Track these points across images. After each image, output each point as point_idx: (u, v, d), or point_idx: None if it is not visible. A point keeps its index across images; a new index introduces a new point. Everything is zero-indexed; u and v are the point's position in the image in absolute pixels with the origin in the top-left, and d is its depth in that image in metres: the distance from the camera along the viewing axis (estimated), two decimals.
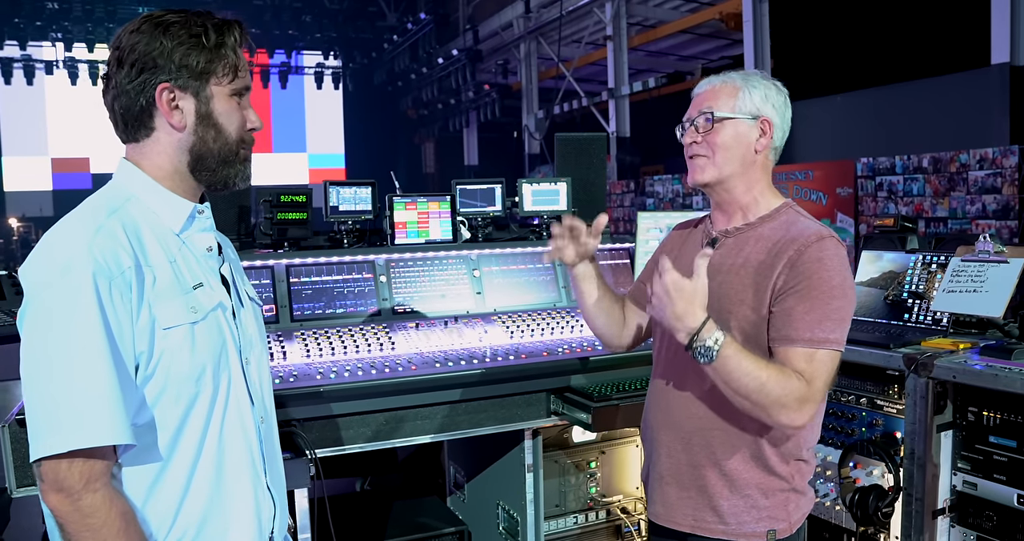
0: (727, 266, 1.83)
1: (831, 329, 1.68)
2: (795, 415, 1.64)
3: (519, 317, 3.12)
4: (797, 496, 1.84)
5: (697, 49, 16.83)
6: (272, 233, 3.07)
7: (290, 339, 2.76)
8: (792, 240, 1.75)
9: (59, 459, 1.23)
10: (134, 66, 1.37)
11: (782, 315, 1.71)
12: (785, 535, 1.82)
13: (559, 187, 3.49)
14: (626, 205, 15.21)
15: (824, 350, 1.67)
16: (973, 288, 2.54)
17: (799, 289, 1.70)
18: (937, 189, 9.98)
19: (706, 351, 1.61)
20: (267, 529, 1.52)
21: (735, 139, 1.82)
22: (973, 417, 2.47)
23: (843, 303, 1.70)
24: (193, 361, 1.36)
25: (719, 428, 1.81)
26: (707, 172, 1.84)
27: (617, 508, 3.32)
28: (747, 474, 1.80)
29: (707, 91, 1.88)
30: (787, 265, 1.72)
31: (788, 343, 1.69)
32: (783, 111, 1.86)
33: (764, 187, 1.88)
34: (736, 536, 1.81)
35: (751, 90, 1.83)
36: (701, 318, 1.62)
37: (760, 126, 1.83)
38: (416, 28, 20.76)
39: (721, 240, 1.89)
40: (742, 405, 1.66)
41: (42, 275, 1.28)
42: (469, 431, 2.74)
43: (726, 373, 1.62)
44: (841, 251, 1.75)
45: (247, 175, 1.50)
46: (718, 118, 1.82)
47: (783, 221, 1.83)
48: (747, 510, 1.81)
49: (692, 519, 1.86)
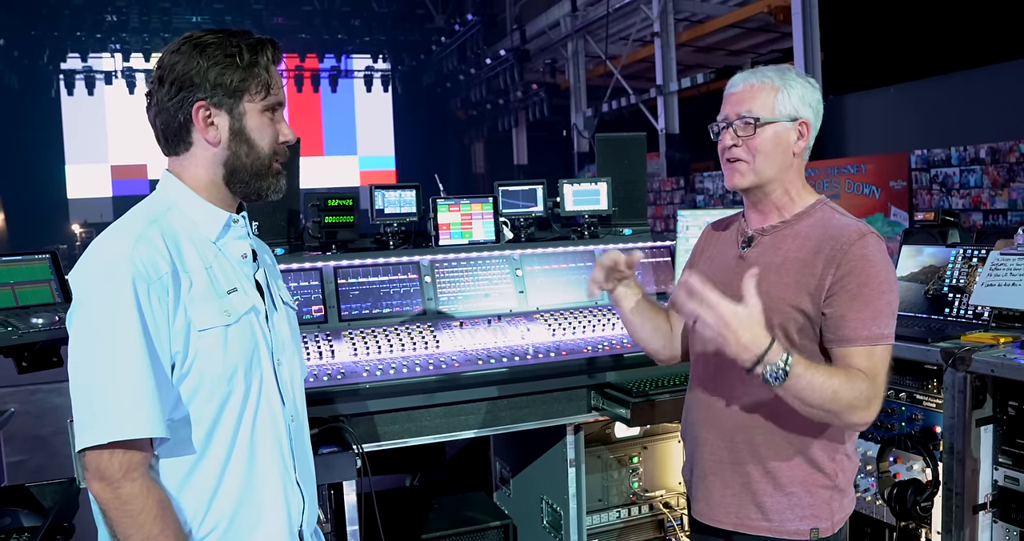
0: (764, 264, 1.81)
1: (885, 324, 1.71)
2: (865, 414, 1.67)
3: (561, 315, 3.18)
4: (840, 495, 1.84)
5: (746, 43, 16.67)
6: (320, 236, 3.18)
7: (338, 338, 2.86)
8: (833, 238, 1.76)
9: (100, 450, 1.34)
10: (173, 84, 1.47)
11: (836, 317, 1.72)
12: (828, 534, 1.82)
13: (599, 187, 3.54)
14: (676, 202, 15.14)
15: (881, 345, 1.70)
16: (1012, 281, 2.53)
17: (849, 289, 1.71)
18: (996, 180, 9.76)
19: (776, 372, 1.59)
20: (296, 522, 1.60)
21: (775, 143, 1.81)
22: (1014, 412, 2.46)
23: (892, 297, 1.73)
24: (226, 361, 1.46)
25: (762, 425, 1.82)
26: (747, 177, 1.84)
27: (660, 503, 3.36)
28: (791, 471, 1.81)
29: (743, 91, 1.84)
30: (832, 264, 1.73)
31: (847, 344, 1.71)
32: (818, 110, 1.86)
33: (800, 186, 1.88)
34: (779, 534, 1.81)
35: (789, 90, 1.81)
36: (766, 342, 1.58)
37: (798, 128, 1.83)
38: (464, 29, 20.91)
39: (757, 238, 1.89)
40: (812, 414, 1.66)
41: (87, 280, 1.39)
42: (511, 426, 2.81)
43: (798, 391, 1.62)
44: (883, 246, 1.77)
45: (280, 187, 1.59)
46: (760, 123, 1.80)
47: (819, 218, 1.84)
48: (790, 507, 1.81)
49: (735, 517, 1.86)
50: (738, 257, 1.90)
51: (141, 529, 1.35)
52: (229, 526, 1.48)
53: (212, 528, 1.47)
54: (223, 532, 1.48)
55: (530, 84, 19.90)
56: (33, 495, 2.22)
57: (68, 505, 2.20)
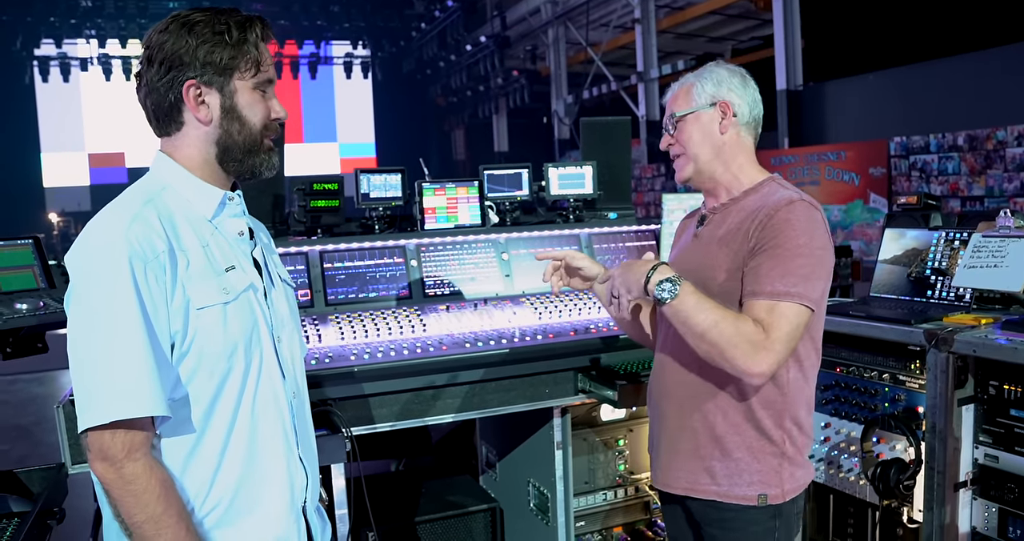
0: (711, 238, 1.95)
1: (792, 284, 1.75)
2: (749, 361, 1.71)
3: (547, 299, 3.19)
4: (790, 464, 1.91)
5: (727, 30, 16.74)
6: (306, 220, 3.16)
7: (325, 323, 2.86)
8: (766, 206, 1.85)
9: (103, 430, 1.34)
10: (163, 64, 1.46)
11: (748, 273, 1.81)
12: (777, 502, 1.89)
13: (584, 171, 3.55)
14: (657, 188, 15.20)
15: (786, 303, 1.74)
16: (994, 263, 2.56)
17: (765, 248, 1.79)
18: (973, 167, 9.87)
19: (668, 285, 1.75)
20: (300, 499, 1.61)
21: (699, 130, 1.97)
22: (994, 391, 2.49)
23: (807, 261, 1.77)
24: (225, 339, 1.46)
25: (709, 392, 1.91)
26: (687, 168, 2.00)
27: (645, 485, 3.39)
28: (737, 437, 1.89)
29: (669, 99, 2.04)
30: (757, 228, 1.82)
31: (751, 297, 1.79)
32: (742, 89, 1.97)
33: (743, 163, 1.99)
34: (728, 498, 1.90)
35: (703, 82, 1.97)
36: (650, 264, 1.80)
37: (720, 109, 1.96)
38: (444, 16, 20.82)
39: (709, 217, 2.01)
40: (699, 348, 1.77)
41: (84, 261, 1.39)
42: (499, 409, 2.82)
43: (687, 312, 1.74)
44: (812, 214, 1.82)
45: (273, 164, 1.58)
46: (679, 117, 1.98)
47: (764, 193, 1.93)
48: (738, 473, 1.89)
49: (686, 482, 1.96)
50: (694, 236, 2.05)
51: (145, 509, 1.36)
52: (232, 503, 1.49)
53: (215, 505, 1.47)
54: (226, 509, 1.48)
55: (510, 71, 19.88)
56: (21, 481, 2.21)
57: (57, 490, 2.18)
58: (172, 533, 1.37)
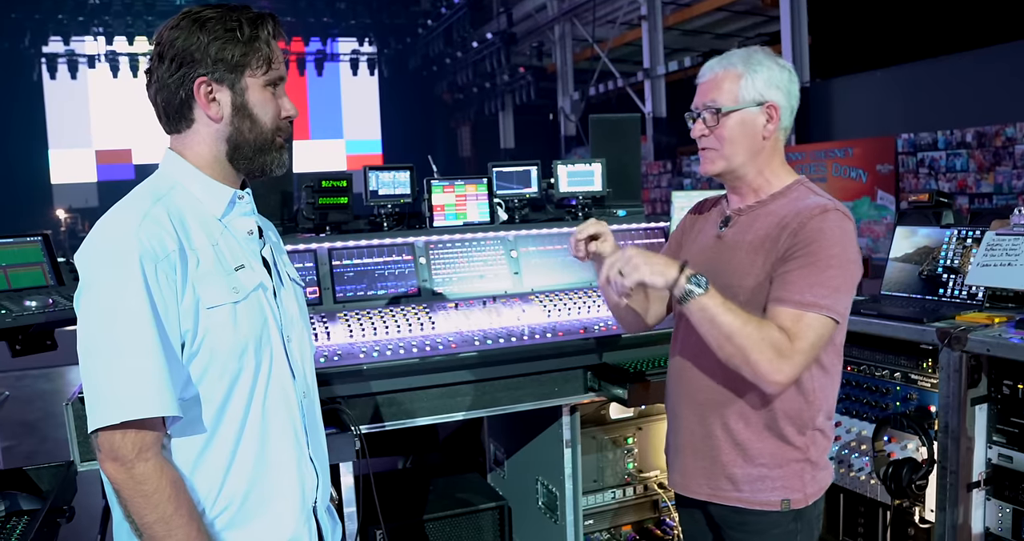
0: (738, 242, 1.88)
1: (822, 295, 1.71)
2: (770, 367, 1.67)
3: (556, 296, 3.18)
4: (812, 468, 1.87)
5: (734, 26, 16.66)
6: (314, 218, 3.15)
7: (333, 320, 2.85)
8: (798, 213, 1.79)
9: (113, 430, 1.32)
10: (173, 61, 1.45)
11: (777, 280, 1.76)
12: (800, 506, 1.86)
13: (594, 168, 3.53)
14: (663, 185, 15.15)
15: (813, 314, 1.70)
16: (1008, 262, 2.55)
17: (796, 256, 1.75)
18: (982, 164, 9.81)
19: (697, 281, 1.68)
20: (310, 499, 1.60)
21: (741, 130, 1.85)
22: (1008, 390, 2.48)
23: (839, 273, 1.73)
24: (236, 338, 1.44)
25: (731, 399, 1.86)
26: (717, 164, 1.89)
27: (654, 483, 3.38)
28: (760, 444, 1.85)
29: (709, 80, 1.88)
30: (790, 235, 1.77)
31: (778, 303, 1.74)
32: (789, 90, 1.85)
33: (776, 166, 1.91)
34: (751, 504, 1.86)
35: (753, 75, 1.83)
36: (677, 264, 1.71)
37: (766, 112, 1.84)
38: (450, 12, 20.78)
39: (734, 218, 1.94)
40: (723, 349, 1.70)
41: (94, 259, 1.38)
42: (509, 407, 2.81)
43: (713, 308, 1.67)
44: (845, 224, 1.78)
45: (283, 162, 1.57)
46: (724, 112, 1.84)
47: (793, 198, 1.87)
48: (760, 479, 1.85)
49: (708, 488, 1.92)
50: (716, 237, 1.96)
51: (156, 509, 1.35)
52: (243, 504, 1.48)
53: (226, 506, 1.46)
54: (237, 510, 1.47)
55: (517, 67, 19.81)
56: (31, 478, 2.21)
57: (67, 488, 2.18)
58: (183, 533, 1.36)
